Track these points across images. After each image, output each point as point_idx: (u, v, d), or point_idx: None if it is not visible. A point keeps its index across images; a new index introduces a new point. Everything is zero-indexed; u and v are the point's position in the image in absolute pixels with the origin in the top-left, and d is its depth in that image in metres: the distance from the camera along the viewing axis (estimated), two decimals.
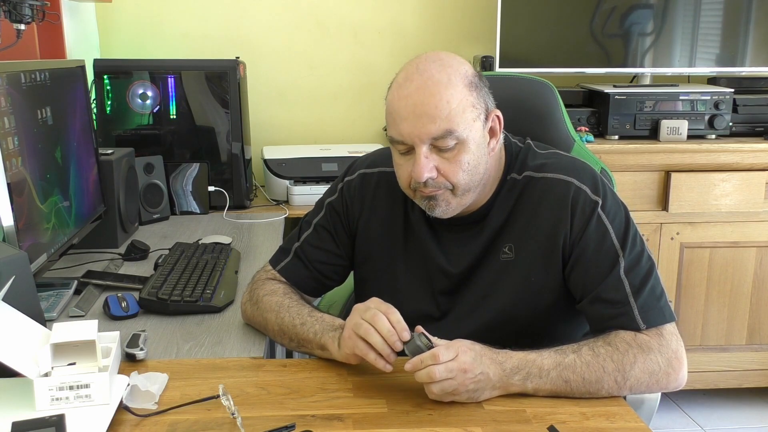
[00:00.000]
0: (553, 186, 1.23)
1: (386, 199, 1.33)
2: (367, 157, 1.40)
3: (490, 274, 1.26)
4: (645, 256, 1.19)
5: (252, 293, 1.34)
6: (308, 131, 2.82)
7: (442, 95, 1.13)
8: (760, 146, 2.44)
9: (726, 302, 2.55)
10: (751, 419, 2.63)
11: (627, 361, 1.10)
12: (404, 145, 1.17)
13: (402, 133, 1.15)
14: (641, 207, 2.47)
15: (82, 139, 1.78)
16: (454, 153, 1.16)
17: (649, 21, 2.59)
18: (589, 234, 1.19)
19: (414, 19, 2.78)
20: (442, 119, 1.13)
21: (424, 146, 1.15)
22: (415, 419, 1.03)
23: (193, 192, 2.31)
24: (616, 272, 1.17)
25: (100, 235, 1.86)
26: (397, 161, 1.21)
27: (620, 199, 1.24)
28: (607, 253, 1.18)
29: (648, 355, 1.11)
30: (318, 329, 1.19)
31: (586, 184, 1.22)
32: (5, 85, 1.33)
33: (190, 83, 2.32)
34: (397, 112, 1.16)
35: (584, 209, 1.20)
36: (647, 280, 1.17)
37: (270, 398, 1.09)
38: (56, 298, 1.48)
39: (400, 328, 1.07)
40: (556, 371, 1.08)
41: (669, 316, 1.17)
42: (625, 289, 1.16)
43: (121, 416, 1.03)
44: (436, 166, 1.16)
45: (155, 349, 1.28)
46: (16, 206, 1.32)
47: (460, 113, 1.14)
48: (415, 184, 1.18)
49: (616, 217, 1.20)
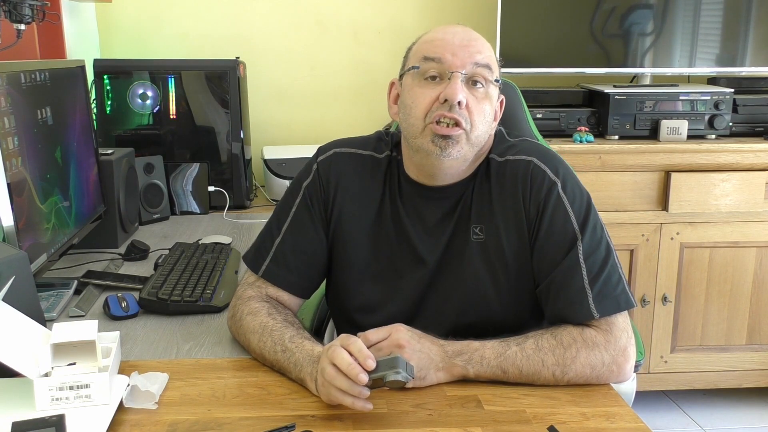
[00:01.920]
0: (516, 167, 1.23)
1: (360, 179, 1.30)
2: (337, 140, 1.37)
3: (463, 254, 1.25)
4: (604, 244, 1.19)
5: (235, 310, 1.27)
6: (308, 131, 2.82)
7: (486, 43, 1.22)
8: (760, 146, 2.44)
9: (726, 302, 2.55)
10: (751, 419, 2.63)
11: (568, 356, 1.12)
12: (439, 66, 1.17)
13: (444, 53, 1.17)
14: (641, 207, 2.47)
15: (82, 139, 1.78)
16: (482, 95, 1.19)
17: (649, 21, 2.59)
18: (548, 213, 1.19)
19: (414, 19, 2.78)
20: (485, 55, 1.19)
21: (462, 73, 1.16)
22: (415, 419, 1.03)
23: (193, 192, 2.31)
24: (574, 255, 1.17)
25: (100, 235, 1.86)
26: (418, 91, 1.19)
27: (585, 189, 1.24)
28: (566, 234, 1.18)
29: (592, 350, 1.13)
30: (298, 359, 1.11)
31: (547, 165, 1.22)
32: (5, 85, 1.33)
33: (190, 83, 2.32)
34: (441, 39, 1.19)
35: (541, 187, 1.20)
36: (604, 267, 1.16)
37: (270, 398, 1.09)
38: (56, 298, 1.48)
39: (362, 357, 1.00)
40: (496, 361, 1.11)
41: (624, 304, 1.16)
42: (582, 274, 1.16)
43: (121, 416, 1.03)
44: (466, 99, 1.17)
45: (155, 349, 1.28)
46: (16, 206, 1.32)
47: (494, 62, 1.21)
48: (435, 110, 1.16)
49: (576, 200, 1.20)
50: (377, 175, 1.30)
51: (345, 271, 1.32)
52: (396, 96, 1.27)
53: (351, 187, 1.30)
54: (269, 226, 1.33)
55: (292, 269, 1.29)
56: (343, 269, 1.32)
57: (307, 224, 1.30)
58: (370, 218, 1.29)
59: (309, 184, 1.31)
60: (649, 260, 2.50)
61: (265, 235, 1.33)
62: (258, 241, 1.34)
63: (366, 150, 1.32)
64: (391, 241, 1.28)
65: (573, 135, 2.46)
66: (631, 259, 2.50)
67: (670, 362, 2.58)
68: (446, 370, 1.12)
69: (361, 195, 1.29)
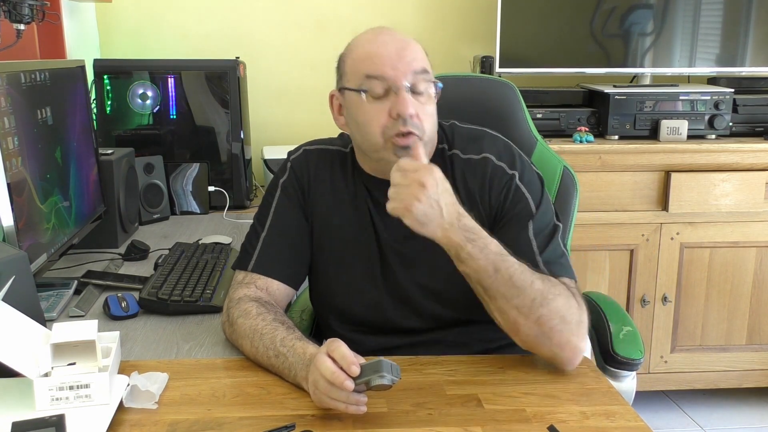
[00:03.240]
0: (477, 166, 1.30)
1: (330, 172, 1.36)
2: (304, 142, 1.44)
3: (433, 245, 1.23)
4: (552, 222, 1.28)
5: (228, 312, 1.27)
6: (308, 131, 2.79)
7: (415, 45, 1.25)
8: (760, 146, 2.44)
9: (726, 302, 2.55)
10: (751, 419, 2.63)
11: (553, 291, 1.15)
12: (383, 84, 1.20)
13: (384, 69, 1.20)
14: (641, 207, 2.47)
15: (82, 139, 1.78)
16: (426, 99, 1.23)
17: (649, 21, 2.59)
18: (508, 203, 1.28)
19: (414, 19, 2.78)
20: (420, 60, 1.23)
21: (407, 85, 1.20)
22: (415, 419, 1.03)
23: (193, 192, 2.31)
24: (525, 233, 1.25)
25: (100, 235, 1.86)
26: (369, 110, 1.22)
27: (537, 170, 1.33)
28: (523, 218, 1.27)
29: (569, 301, 1.16)
30: (292, 363, 1.11)
31: (504, 161, 1.30)
32: (5, 85, 1.34)
33: (190, 83, 2.32)
34: (376, 54, 1.22)
35: (501, 181, 1.28)
36: (551, 240, 1.25)
37: (270, 398, 1.09)
38: (56, 298, 1.48)
39: (346, 363, 0.99)
40: (494, 256, 1.13)
41: (571, 273, 1.24)
42: (534, 248, 1.23)
43: (121, 416, 1.03)
44: None
45: (155, 349, 1.28)
46: (16, 206, 1.32)
47: (427, 60, 1.25)
48: (391, 126, 1.20)
49: (532, 186, 1.29)
50: (345, 166, 1.36)
51: (326, 259, 1.35)
52: (339, 107, 1.32)
53: (324, 178, 1.36)
54: (252, 229, 1.38)
55: (280, 258, 1.33)
56: (325, 256, 1.36)
57: (289, 212, 1.35)
58: (346, 205, 1.34)
59: (285, 180, 1.37)
60: (649, 260, 2.50)
61: (249, 238, 1.37)
62: (243, 246, 1.37)
63: (333, 145, 1.40)
64: (365, 227, 1.33)
65: (573, 135, 2.46)
66: (631, 259, 2.50)
67: (670, 362, 2.58)
68: (447, 233, 1.13)
69: (334, 185, 1.36)
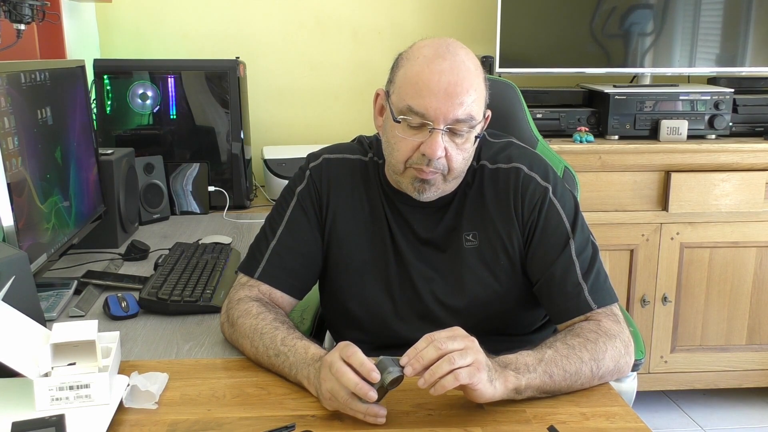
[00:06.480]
0: (506, 176, 1.27)
1: (350, 184, 1.33)
2: (325, 148, 1.39)
3: (456, 261, 1.27)
4: (591, 242, 1.25)
5: (228, 313, 1.26)
6: (308, 131, 2.82)
7: (472, 82, 1.16)
8: (760, 146, 2.44)
9: (726, 302, 2.55)
10: (751, 419, 2.63)
11: (599, 350, 1.12)
12: (421, 119, 1.16)
13: (427, 107, 1.15)
14: (641, 207, 2.47)
15: (82, 139, 1.78)
16: (463, 140, 1.19)
17: (649, 21, 2.59)
18: (542, 218, 1.24)
19: (414, 19, 2.78)
20: (468, 105, 1.16)
21: (443, 130, 1.16)
22: (415, 419, 1.03)
23: (193, 192, 2.31)
24: (568, 253, 1.22)
25: (100, 235, 1.86)
26: (400, 134, 1.19)
27: (570, 190, 1.30)
28: (560, 235, 1.23)
29: (614, 341, 1.15)
30: (293, 362, 1.11)
31: (536, 172, 1.27)
32: (5, 85, 1.33)
33: (190, 83, 2.32)
34: (426, 85, 1.15)
35: (534, 194, 1.25)
36: (594, 263, 1.22)
37: (270, 398, 1.09)
38: (56, 298, 1.48)
39: (365, 371, 0.98)
40: (540, 366, 1.07)
41: (614, 297, 1.22)
42: (576, 270, 1.21)
43: (121, 416, 1.03)
44: (445, 147, 1.17)
45: (155, 349, 1.28)
46: (16, 206, 1.32)
47: (480, 104, 1.19)
48: (416, 160, 1.18)
49: (566, 203, 1.26)
50: (366, 177, 1.33)
51: (342, 272, 1.32)
52: (381, 108, 1.27)
53: (343, 190, 1.32)
54: (262, 233, 1.34)
55: (288, 270, 1.29)
56: (340, 270, 1.32)
57: (303, 226, 1.31)
58: (364, 218, 1.31)
59: (302, 189, 1.33)
60: (649, 260, 2.50)
61: (259, 242, 1.34)
62: (251, 249, 1.34)
63: (354, 154, 1.36)
64: (385, 240, 1.30)
65: (573, 135, 2.46)
66: (631, 259, 2.50)
67: (670, 362, 2.58)
68: (501, 380, 1.03)
69: (354, 197, 1.32)
